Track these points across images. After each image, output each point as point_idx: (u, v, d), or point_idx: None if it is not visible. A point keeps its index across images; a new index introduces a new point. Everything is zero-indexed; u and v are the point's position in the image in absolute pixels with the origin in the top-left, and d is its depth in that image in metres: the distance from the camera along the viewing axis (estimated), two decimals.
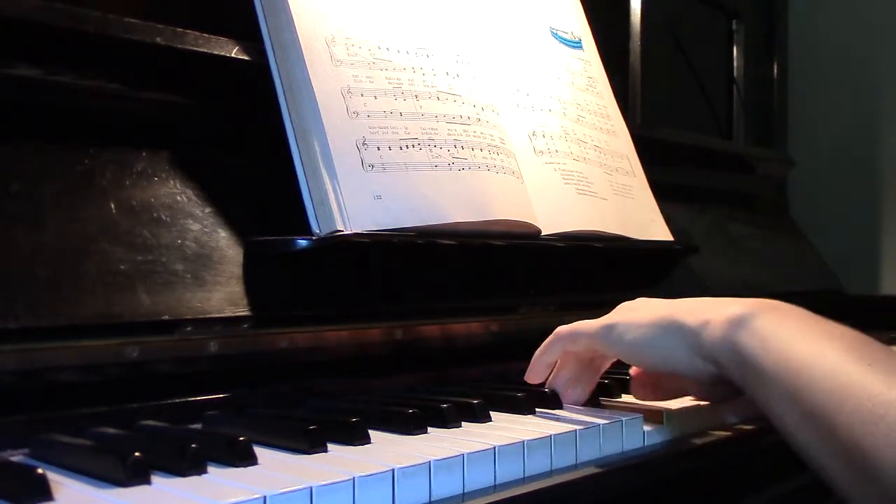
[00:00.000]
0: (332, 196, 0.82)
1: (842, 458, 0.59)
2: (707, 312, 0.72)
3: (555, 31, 1.18)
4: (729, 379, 0.71)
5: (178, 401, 0.75)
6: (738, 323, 0.68)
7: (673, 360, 0.73)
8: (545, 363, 0.83)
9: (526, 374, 0.85)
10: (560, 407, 0.82)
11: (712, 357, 0.70)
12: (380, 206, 0.84)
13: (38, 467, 0.53)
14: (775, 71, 1.93)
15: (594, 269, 1.10)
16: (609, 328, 0.77)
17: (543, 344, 0.84)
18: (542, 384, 0.84)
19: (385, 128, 0.88)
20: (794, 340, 0.65)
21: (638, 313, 0.77)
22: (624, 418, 0.75)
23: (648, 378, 0.84)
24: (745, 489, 0.88)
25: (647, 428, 0.77)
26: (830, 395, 0.60)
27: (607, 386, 0.87)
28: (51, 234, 0.71)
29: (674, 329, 0.73)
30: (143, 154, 0.81)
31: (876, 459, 0.56)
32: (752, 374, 0.66)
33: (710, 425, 0.82)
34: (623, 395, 0.87)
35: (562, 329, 0.82)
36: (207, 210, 0.82)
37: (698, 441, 0.78)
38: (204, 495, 0.51)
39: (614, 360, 0.82)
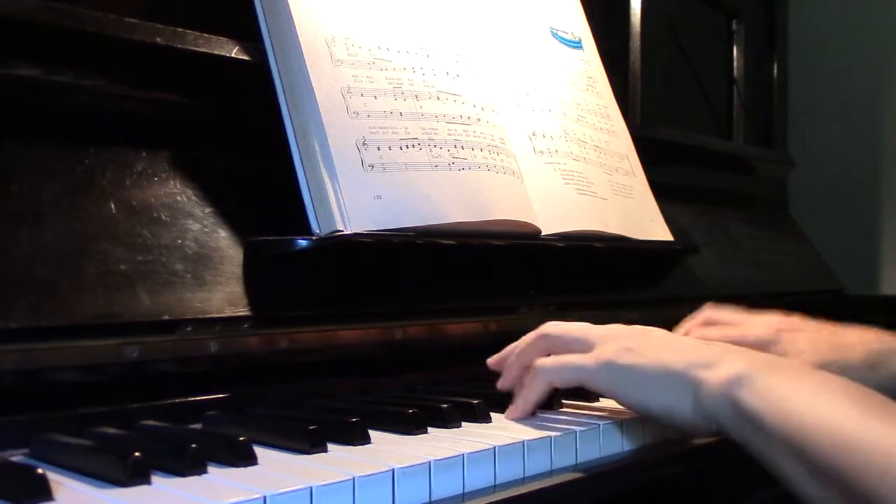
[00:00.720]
0: (332, 196, 0.82)
1: None
2: (705, 368, 0.69)
3: (555, 31, 1.18)
4: (730, 437, 0.69)
5: (178, 401, 0.75)
6: (738, 381, 0.66)
7: (673, 417, 0.71)
8: (523, 366, 0.80)
9: (500, 382, 0.82)
10: (561, 407, 0.82)
11: (714, 417, 0.68)
12: (380, 206, 0.84)
13: (38, 467, 0.53)
14: (775, 71, 1.93)
15: (594, 269, 1.10)
16: (608, 369, 0.73)
17: (523, 344, 0.81)
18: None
19: (385, 128, 0.88)
20: (795, 397, 0.64)
21: (633, 355, 0.73)
22: (625, 420, 0.75)
23: None
24: (737, 494, 0.88)
25: (644, 428, 0.77)
26: (835, 449, 0.60)
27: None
28: (51, 234, 0.71)
29: (674, 384, 0.70)
30: (143, 154, 0.81)
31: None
32: (756, 433, 0.65)
33: None
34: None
35: (546, 360, 0.77)
36: (207, 210, 0.82)
37: (697, 442, 0.78)
38: (204, 495, 0.51)
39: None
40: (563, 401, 0.83)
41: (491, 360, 0.85)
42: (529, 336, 0.81)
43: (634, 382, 0.72)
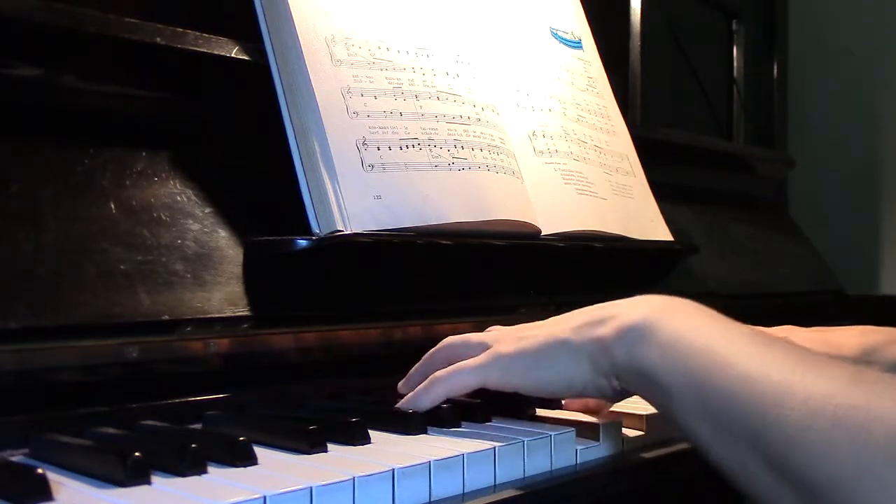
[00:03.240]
0: (332, 196, 0.82)
1: (767, 471, 0.55)
2: (597, 326, 0.65)
3: (555, 31, 1.18)
4: (635, 392, 0.66)
5: (178, 401, 0.75)
6: (633, 333, 0.62)
7: (574, 383, 0.67)
8: (425, 374, 0.77)
9: (401, 383, 0.79)
10: (559, 406, 0.82)
11: (612, 372, 0.65)
12: (380, 205, 0.84)
13: (38, 467, 0.53)
14: (775, 71, 1.93)
15: (594, 269, 1.10)
16: (498, 362, 0.70)
17: (428, 357, 0.78)
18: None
19: (385, 128, 0.88)
20: (698, 346, 0.59)
21: (523, 341, 0.70)
22: (624, 420, 0.76)
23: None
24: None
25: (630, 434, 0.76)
26: (747, 406, 0.55)
27: None
28: (51, 234, 0.71)
29: (564, 351, 0.67)
30: (143, 154, 0.81)
31: (807, 469, 0.53)
32: (656, 386, 0.61)
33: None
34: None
35: (441, 371, 0.73)
36: (207, 210, 0.82)
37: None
38: (204, 495, 0.51)
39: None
40: (564, 401, 0.83)
41: (400, 385, 0.80)
42: (432, 350, 0.79)
43: (525, 366, 0.69)
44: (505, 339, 0.72)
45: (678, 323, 0.62)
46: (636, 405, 0.78)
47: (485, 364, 0.71)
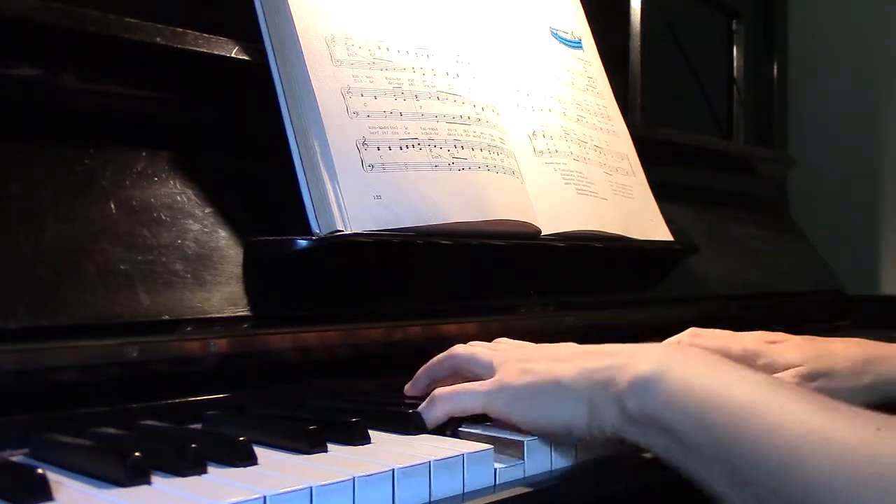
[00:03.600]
0: (332, 196, 0.82)
1: None
2: (606, 375, 0.63)
3: (555, 31, 1.18)
4: (641, 446, 0.63)
5: (178, 401, 0.75)
6: (645, 386, 0.60)
7: (574, 430, 0.65)
8: (430, 380, 0.78)
9: (408, 386, 0.80)
10: None
11: (618, 426, 0.62)
12: (380, 206, 0.84)
13: (38, 467, 0.53)
14: (775, 71, 1.93)
15: (594, 270, 1.10)
16: (502, 393, 0.68)
17: (434, 364, 0.78)
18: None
19: (385, 128, 0.88)
20: (715, 398, 0.58)
21: (529, 375, 0.68)
22: None
23: None
24: None
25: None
26: (770, 458, 0.54)
27: None
28: (51, 234, 0.71)
29: (568, 398, 0.65)
30: (143, 154, 0.81)
31: None
32: (669, 441, 0.59)
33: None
34: None
35: (444, 389, 0.72)
36: (207, 210, 0.82)
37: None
38: (204, 495, 0.51)
39: None
40: None
41: (407, 387, 0.81)
42: (438, 358, 0.78)
43: (528, 405, 0.67)
44: (511, 365, 0.70)
45: (691, 373, 0.60)
46: None
47: (488, 393, 0.69)
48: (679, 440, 0.59)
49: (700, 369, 0.61)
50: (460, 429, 0.71)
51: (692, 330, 0.99)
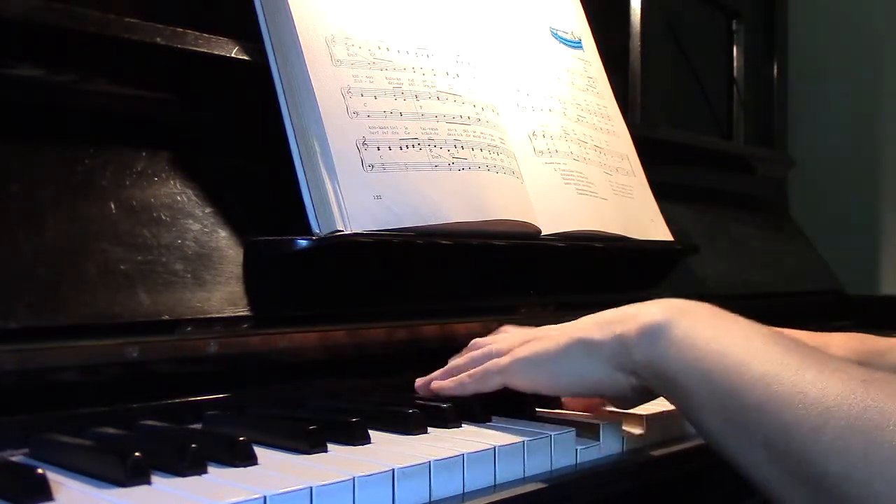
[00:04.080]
0: (332, 196, 0.82)
1: (781, 469, 0.56)
2: (616, 324, 0.68)
3: (555, 31, 1.18)
4: (652, 389, 0.68)
5: (178, 401, 0.75)
6: (653, 333, 0.64)
7: (592, 381, 0.69)
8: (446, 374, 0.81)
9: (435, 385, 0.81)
10: (559, 406, 0.82)
11: (631, 369, 0.67)
12: (380, 206, 0.84)
13: (38, 467, 0.53)
14: (775, 71, 1.93)
15: (594, 269, 1.10)
16: (519, 363, 0.73)
17: (455, 364, 0.81)
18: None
19: (385, 128, 0.88)
20: (714, 347, 0.61)
21: (543, 342, 0.73)
22: (624, 420, 0.75)
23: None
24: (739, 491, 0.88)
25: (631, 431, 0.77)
26: (762, 406, 0.57)
27: None
28: (51, 234, 0.71)
29: (583, 349, 0.69)
30: (143, 154, 0.81)
31: (821, 467, 0.54)
32: (673, 385, 0.63)
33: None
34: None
35: (466, 374, 0.77)
36: (207, 210, 0.82)
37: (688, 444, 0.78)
38: (204, 495, 0.51)
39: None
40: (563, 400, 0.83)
41: (417, 383, 0.83)
42: (457, 358, 0.82)
43: (544, 364, 0.71)
44: (524, 340, 0.75)
45: (696, 323, 0.64)
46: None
47: (506, 366, 0.74)
48: (681, 389, 0.62)
49: (704, 321, 0.64)
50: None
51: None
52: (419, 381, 0.82)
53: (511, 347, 0.76)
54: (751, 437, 0.58)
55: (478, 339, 0.83)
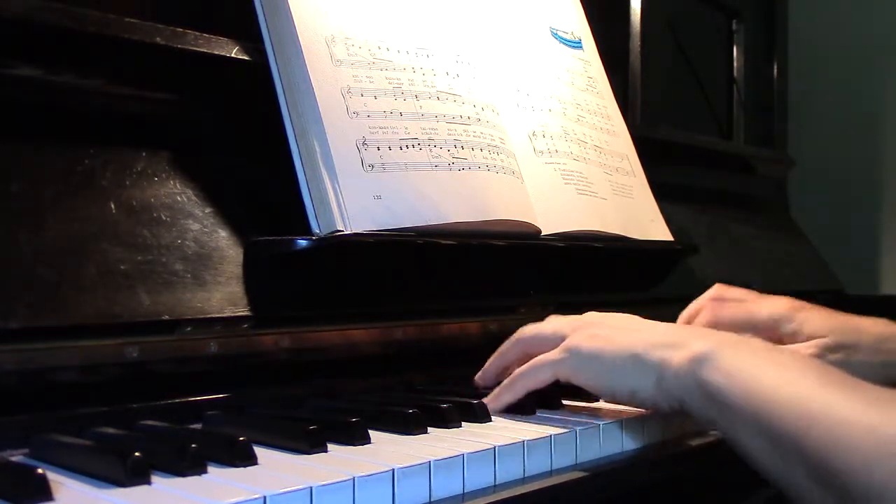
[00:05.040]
0: (332, 196, 0.82)
1: (811, 479, 0.60)
2: (669, 349, 0.71)
3: (555, 31, 1.18)
4: (694, 417, 0.71)
5: (178, 401, 0.75)
6: (702, 360, 0.68)
7: (641, 398, 0.73)
8: (500, 367, 0.84)
9: (478, 376, 0.86)
10: (560, 407, 0.82)
11: (677, 397, 0.70)
12: (380, 206, 0.84)
13: (38, 467, 0.53)
14: (775, 71, 1.93)
15: (594, 269, 1.10)
16: (574, 357, 0.76)
17: (502, 349, 0.84)
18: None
19: (385, 128, 0.88)
20: (758, 372, 0.66)
21: (599, 341, 0.75)
22: (625, 419, 0.75)
23: None
24: (738, 494, 0.88)
25: (645, 428, 0.77)
26: (797, 423, 0.61)
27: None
28: (51, 234, 0.71)
29: (638, 367, 0.72)
30: (143, 154, 0.81)
31: (846, 477, 0.58)
32: (718, 409, 0.67)
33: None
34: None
35: (523, 368, 0.79)
36: (207, 210, 0.82)
37: (698, 442, 0.78)
38: (204, 495, 0.51)
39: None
40: (564, 401, 0.83)
41: (477, 378, 0.86)
42: (506, 343, 0.84)
43: (599, 368, 0.74)
44: (579, 332, 0.77)
45: (741, 353, 0.68)
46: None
47: (560, 359, 0.76)
48: (727, 411, 0.66)
49: (748, 351, 0.69)
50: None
51: (718, 286, 1.02)
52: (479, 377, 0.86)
53: (562, 333, 0.78)
54: (786, 453, 0.62)
55: (522, 330, 0.84)
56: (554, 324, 0.81)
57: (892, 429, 0.57)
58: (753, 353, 0.69)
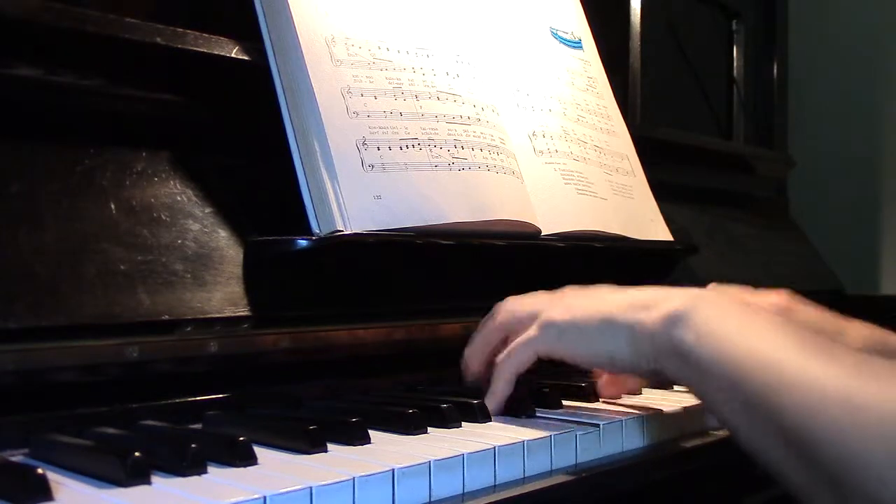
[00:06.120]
0: (332, 196, 0.82)
1: (784, 445, 0.59)
2: (641, 310, 0.71)
3: (555, 31, 1.18)
4: (669, 376, 0.70)
5: (178, 401, 0.75)
6: (675, 319, 0.67)
7: (617, 362, 0.73)
8: (484, 353, 0.83)
9: (463, 364, 0.85)
10: (560, 407, 0.82)
11: (653, 358, 0.69)
12: (380, 206, 0.84)
13: (38, 467, 0.53)
14: (775, 71, 1.93)
15: (594, 269, 1.09)
16: (550, 330, 0.76)
17: (479, 337, 0.83)
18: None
19: (385, 128, 0.88)
20: (731, 334, 0.64)
21: (573, 310, 0.75)
22: (625, 420, 0.75)
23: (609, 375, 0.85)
24: (737, 494, 0.88)
25: (645, 428, 0.77)
26: (769, 387, 0.60)
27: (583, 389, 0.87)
28: (51, 234, 0.71)
29: (612, 330, 0.72)
30: (143, 154, 0.81)
31: (819, 446, 0.57)
32: (691, 369, 0.66)
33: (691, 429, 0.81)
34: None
35: (502, 355, 0.79)
36: (207, 210, 0.82)
37: (696, 443, 0.78)
38: (204, 495, 0.51)
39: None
40: (564, 401, 0.83)
41: (462, 365, 0.86)
42: (483, 328, 0.83)
43: (575, 337, 0.74)
44: (554, 306, 0.77)
45: (713, 311, 0.67)
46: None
47: (537, 335, 0.76)
48: (699, 371, 0.65)
49: (723, 311, 0.67)
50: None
51: (713, 286, 1.02)
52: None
53: (536, 311, 0.78)
54: (760, 420, 0.61)
55: (498, 306, 0.83)
56: (529, 301, 0.81)
57: (869, 397, 0.56)
58: (728, 312, 0.67)
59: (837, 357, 0.60)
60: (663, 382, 0.86)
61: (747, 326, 0.65)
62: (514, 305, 0.82)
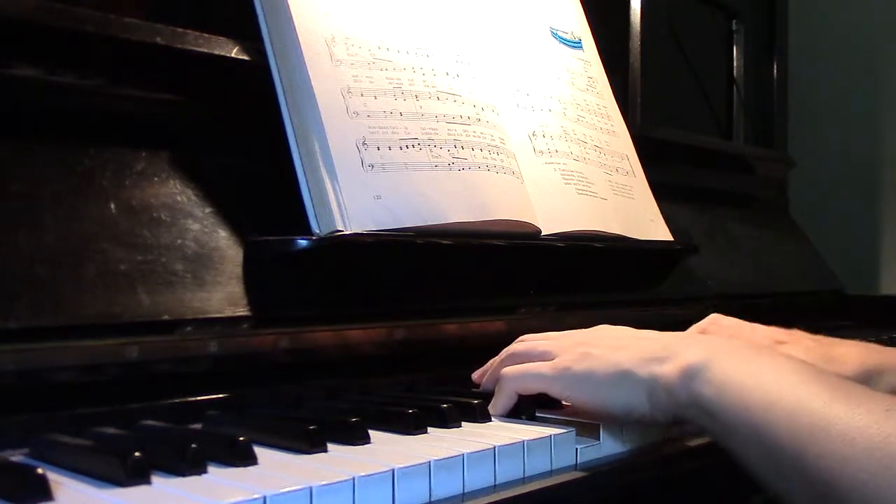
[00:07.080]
0: (332, 196, 0.82)
1: (811, 494, 0.59)
2: (656, 364, 0.70)
3: (555, 31, 1.18)
4: (689, 427, 0.71)
5: (178, 401, 0.75)
6: (693, 373, 0.67)
7: (635, 415, 0.72)
8: (495, 379, 0.82)
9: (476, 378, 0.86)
10: (560, 407, 0.82)
11: (671, 411, 0.69)
12: (380, 206, 0.84)
13: (38, 467, 0.53)
14: (775, 71, 1.93)
15: (594, 270, 1.10)
16: (564, 377, 0.75)
17: (497, 361, 0.83)
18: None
19: (385, 128, 0.88)
20: (751, 383, 0.64)
21: (590, 360, 0.74)
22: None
23: None
24: (737, 494, 0.88)
25: (646, 427, 0.77)
26: (794, 438, 0.60)
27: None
28: (51, 234, 0.71)
29: (630, 384, 0.71)
30: (143, 154, 0.81)
31: (848, 496, 0.57)
32: (713, 422, 0.66)
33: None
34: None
35: (510, 369, 0.79)
36: (207, 210, 0.82)
37: (697, 442, 0.78)
38: (204, 495, 0.51)
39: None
40: (563, 402, 0.83)
41: (475, 375, 0.87)
42: (501, 354, 0.83)
43: (591, 388, 0.73)
44: (569, 351, 0.76)
45: (733, 362, 0.67)
46: None
47: (552, 377, 0.75)
48: (722, 423, 0.65)
49: (741, 360, 0.67)
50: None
51: (713, 316, 1.02)
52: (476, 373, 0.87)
53: (552, 353, 0.77)
54: (784, 468, 0.61)
55: (525, 336, 0.83)
56: (546, 341, 0.80)
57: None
58: (746, 361, 0.67)
59: (863, 403, 0.60)
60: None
61: (766, 374, 0.65)
62: (531, 343, 0.81)
